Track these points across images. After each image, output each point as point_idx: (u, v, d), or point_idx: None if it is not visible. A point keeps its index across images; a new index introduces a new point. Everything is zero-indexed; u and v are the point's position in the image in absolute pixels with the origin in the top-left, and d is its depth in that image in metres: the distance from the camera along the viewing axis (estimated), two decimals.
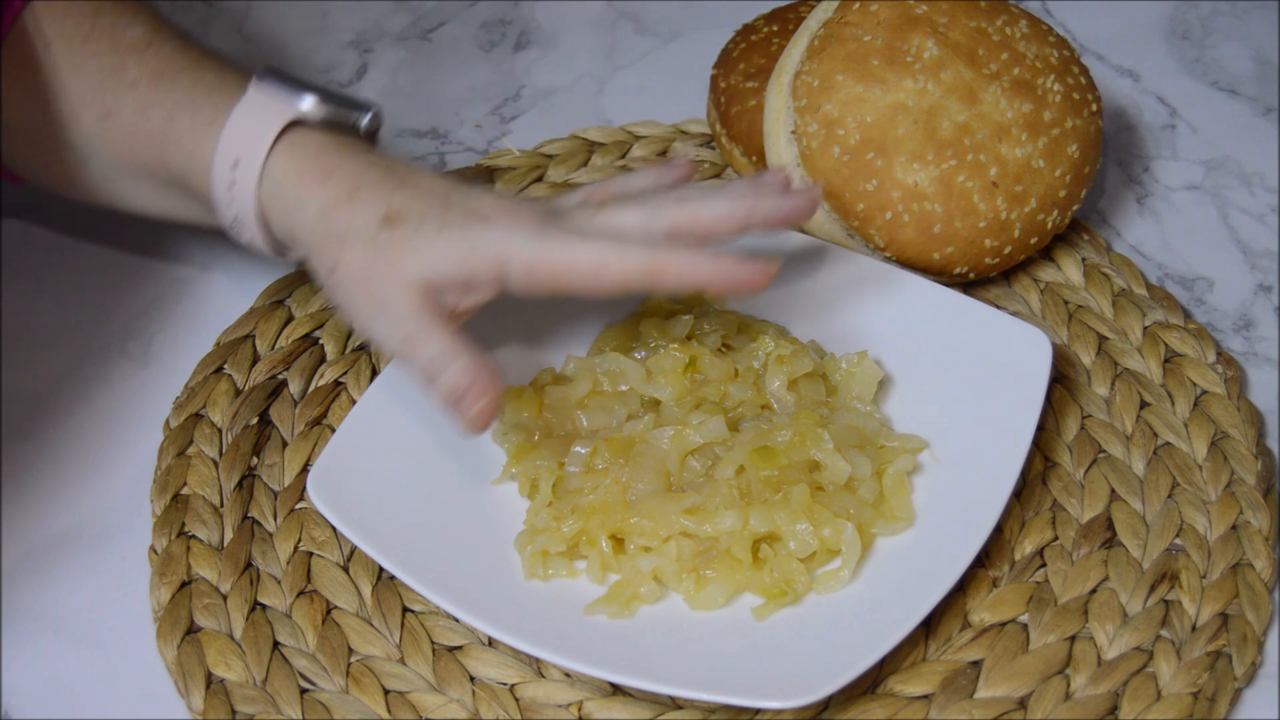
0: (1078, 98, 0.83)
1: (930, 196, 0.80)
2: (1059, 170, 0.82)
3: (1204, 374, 0.80)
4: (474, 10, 1.06)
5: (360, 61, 1.03)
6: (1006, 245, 0.82)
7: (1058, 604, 0.72)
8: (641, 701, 0.69)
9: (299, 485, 0.77)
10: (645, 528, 0.71)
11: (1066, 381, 0.81)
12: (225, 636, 0.72)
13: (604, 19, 1.05)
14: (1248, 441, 0.78)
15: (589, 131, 0.95)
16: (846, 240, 0.81)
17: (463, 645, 0.72)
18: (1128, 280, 0.85)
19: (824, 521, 0.71)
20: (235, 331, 0.84)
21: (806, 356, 0.76)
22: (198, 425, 0.79)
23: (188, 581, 0.74)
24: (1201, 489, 0.76)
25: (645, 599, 0.70)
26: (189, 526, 0.75)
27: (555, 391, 0.76)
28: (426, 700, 0.70)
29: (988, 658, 0.70)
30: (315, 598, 0.73)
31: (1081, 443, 0.78)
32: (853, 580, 0.71)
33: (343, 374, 0.82)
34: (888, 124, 0.80)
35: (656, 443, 0.73)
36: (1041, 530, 0.74)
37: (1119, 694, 0.69)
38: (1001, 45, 0.82)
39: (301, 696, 0.70)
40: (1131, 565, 0.73)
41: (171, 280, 0.88)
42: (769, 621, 0.70)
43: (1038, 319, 0.84)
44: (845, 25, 0.81)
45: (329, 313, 0.84)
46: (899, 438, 0.75)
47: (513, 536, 0.73)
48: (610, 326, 0.80)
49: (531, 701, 0.70)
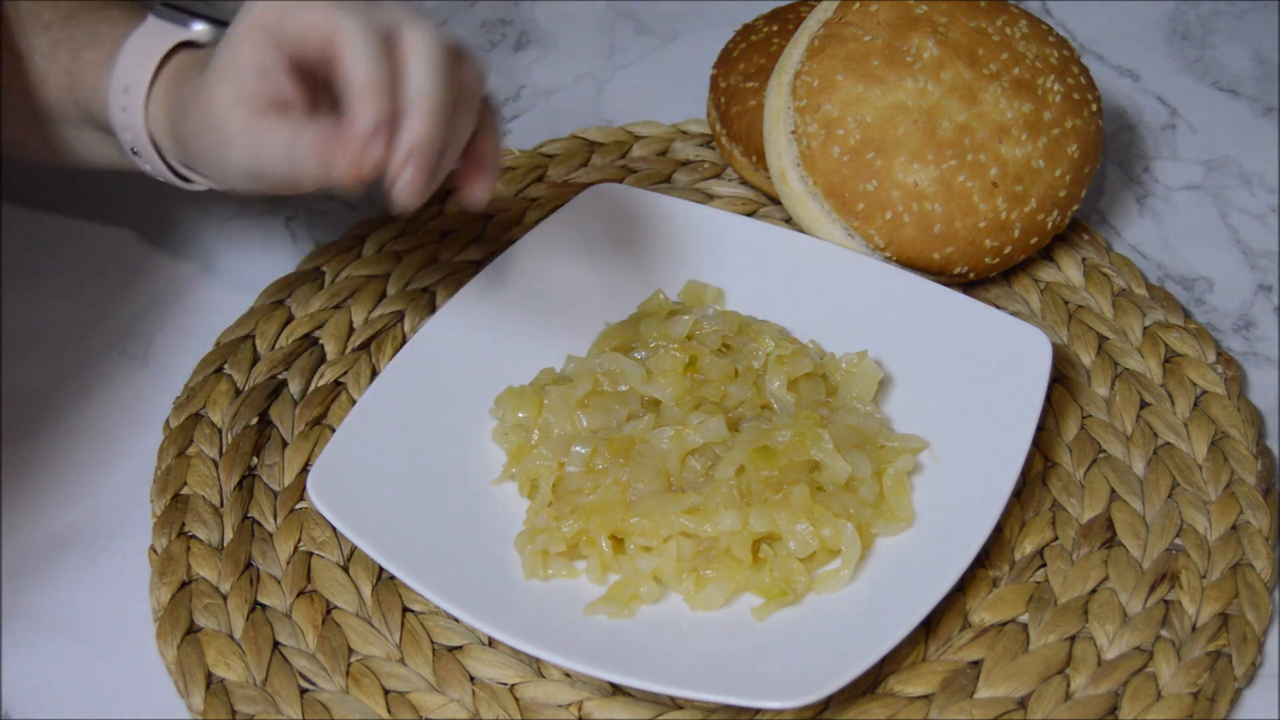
0: (1078, 98, 0.83)
1: (930, 196, 0.80)
2: (1059, 170, 0.82)
3: (1204, 374, 0.80)
4: (474, 10, 1.06)
5: None
6: (1006, 245, 0.82)
7: (1058, 604, 0.72)
8: (641, 701, 0.69)
9: (299, 485, 0.77)
10: (645, 528, 0.71)
11: (1066, 381, 0.81)
12: (225, 636, 0.72)
13: (604, 19, 1.05)
14: (1248, 441, 0.78)
15: (589, 131, 0.95)
16: (846, 240, 0.81)
17: (463, 645, 0.72)
18: (1128, 280, 0.85)
19: (824, 521, 0.71)
20: (235, 331, 0.84)
21: (806, 356, 0.76)
22: (198, 425, 0.79)
23: (188, 581, 0.74)
24: (1201, 489, 0.76)
25: (645, 599, 0.70)
26: (189, 526, 0.75)
27: (555, 391, 0.76)
28: (426, 700, 0.70)
29: (988, 658, 0.70)
30: (315, 598, 0.73)
31: (1081, 443, 0.78)
32: (853, 580, 0.71)
33: (343, 374, 0.82)
34: (888, 124, 0.80)
35: (656, 443, 0.73)
36: (1041, 530, 0.74)
37: (1119, 694, 0.69)
38: (1001, 45, 0.82)
39: (301, 696, 0.70)
40: (1131, 565, 0.73)
41: (171, 280, 0.88)
42: (769, 621, 0.70)
43: (1038, 319, 0.84)
44: (845, 25, 0.81)
45: (329, 313, 0.84)
46: (899, 438, 0.75)
47: (513, 536, 0.73)
48: (610, 326, 0.80)
49: (531, 701, 0.70)
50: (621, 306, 0.81)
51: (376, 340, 0.83)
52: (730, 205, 0.90)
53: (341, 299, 0.85)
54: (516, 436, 0.75)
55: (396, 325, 0.84)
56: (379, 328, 0.84)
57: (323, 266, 0.87)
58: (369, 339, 0.83)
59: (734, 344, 0.78)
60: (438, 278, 0.86)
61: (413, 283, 0.86)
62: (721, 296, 0.82)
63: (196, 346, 0.83)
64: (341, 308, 0.84)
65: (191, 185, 0.76)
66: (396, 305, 0.85)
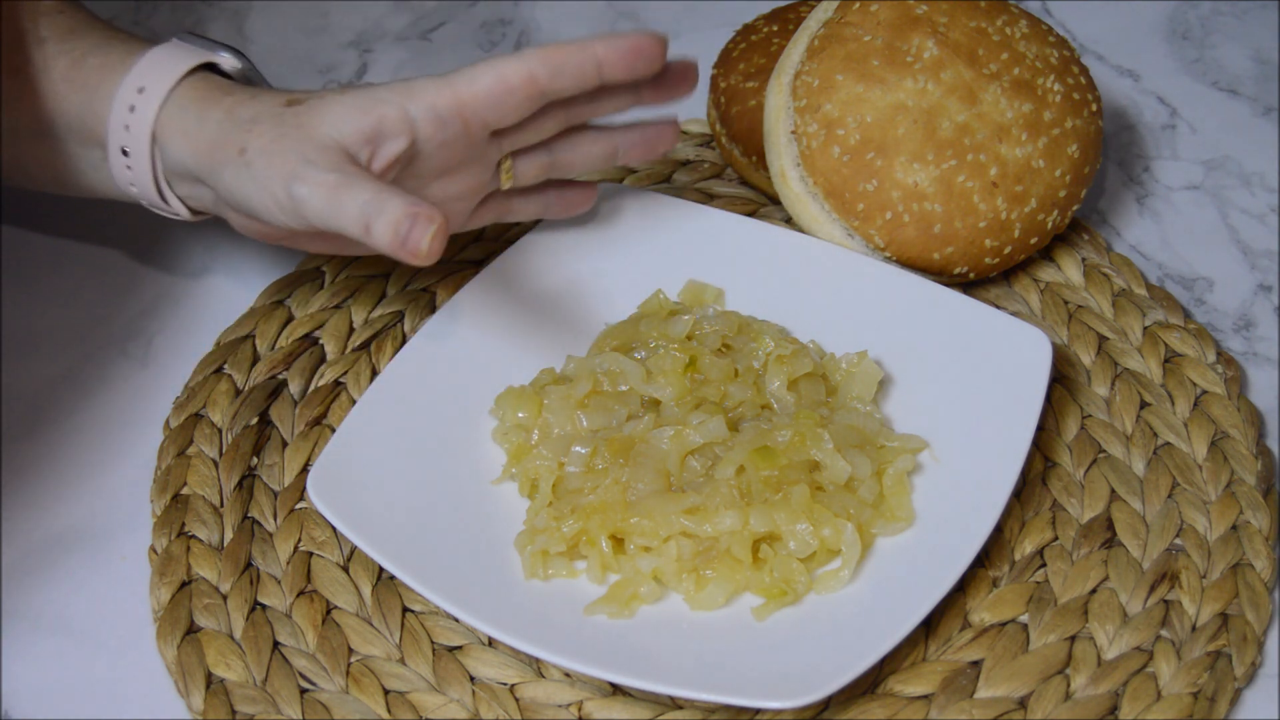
0: (1078, 98, 0.83)
1: (930, 196, 0.80)
2: (1059, 170, 0.82)
3: (1204, 374, 0.80)
4: (474, 10, 1.06)
5: (360, 61, 1.03)
6: (1006, 245, 0.82)
7: (1058, 604, 0.72)
8: (641, 701, 0.69)
9: (299, 485, 0.77)
10: (645, 528, 0.71)
11: (1066, 381, 0.81)
12: (225, 636, 0.72)
13: (604, 19, 1.05)
14: (1248, 441, 0.78)
15: None
16: (846, 240, 0.81)
17: (463, 645, 0.72)
18: (1128, 280, 0.85)
19: (824, 521, 0.71)
20: (235, 331, 0.84)
21: (806, 356, 0.76)
22: (198, 425, 0.79)
23: (188, 581, 0.74)
24: (1201, 489, 0.76)
25: (645, 599, 0.70)
26: (189, 526, 0.75)
27: (555, 391, 0.76)
28: (426, 700, 0.70)
29: (988, 658, 0.70)
30: (315, 598, 0.73)
31: (1081, 443, 0.78)
32: (853, 580, 0.71)
33: (343, 374, 0.82)
34: (888, 124, 0.80)
35: (656, 443, 0.73)
36: (1041, 530, 0.74)
37: (1119, 694, 0.69)
38: (1001, 45, 0.82)
39: (301, 696, 0.70)
40: (1131, 565, 0.73)
41: (171, 280, 0.88)
42: (769, 621, 0.70)
43: (1038, 319, 0.84)
44: (845, 25, 0.81)
45: (329, 313, 0.84)
46: (899, 438, 0.75)
47: (513, 536, 0.73)
48: (610, 327, 0.80)
49: (531, 701, 0.70)
50: (621, 306, 0.81)
51: (376, 340, 0.83)
52: (730, 205, 0.90)
53: (341, 299, 0.85)
54: (516, 436, 0.75)
55: (396, 325, 0.84)
56: (379, 328, 0.84)
57: (323, 266, 0.87)
58: (369, 339, 0.83)
59: (734, 344, 0.78)
60: (438, 278, 0.86)
61: (413, 283, 0.86)
62: (721, 296, 0.82)
63: (196, 346, 0.83)
64: (341, 308, 0.84)
65: (167, 209, 0.75)
66: (396, 305, 0.85)
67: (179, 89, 0.72)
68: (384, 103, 0.69)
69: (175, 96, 0.72)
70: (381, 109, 0.69)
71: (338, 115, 0.69)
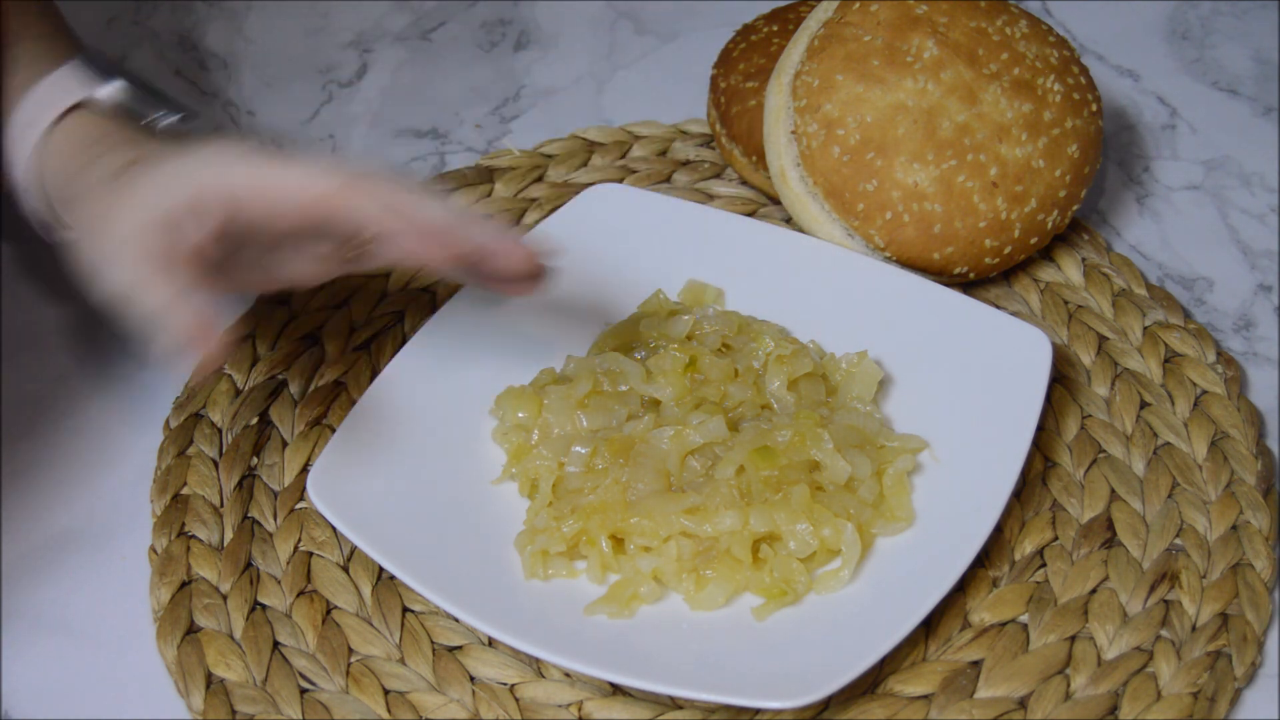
0: (1078, 98, 0.83)
1: (930, 196, 0.80)
2: (1059, 170, 0.82)
3: (1204, 374, 0.80)
4: (474, 10, 1.06)
5: (360, 61, 1.03)
6: (1006, 245, 0.82)
7: (1058, 604, 0.72)
8: (641, 701, 0.69)
9: (299, 485, 0.77)
10: (645, 528, 0.71)
11: (1066, 381, 0.81)
12: (225, 636, 0.72)
13: (604, 19, 1.05)
14: (1248, 441, 0.78)
15: (589, 131, 0.95)
16: (846, 240, 0.81)
17: (463, 645, 0.72)
18: (1128, 280, 0.85)
19: (824, 521, 0.71)
20: (235, 331, 0.84)
21: (806, 356, 0.76)
22: (198, 425, 0.79)
23: (188, 581, 0.74)
24: (1201, 489, 0.76)
25: (645, 599, 0.70)
26: (189, 526, 0.75)
27: (555, 391, 0.76)
28: (426, 700, 0.70)
29: (988, 658, 0.70)
30: (315, 598, 0.73)
31: (1081, 443, 0.78)
32: (853, 580, 0.71)
33: (343, 374, 0.82)
34: (888, 124, 0.80)
35: (656, 443, 0.73)
36: (1041, 530, 0.74)
37: (1119, 694, 0.69)
38: (1001, 45, 0.82)
39: (301, 696, 0.70)
40: (1131, 565, 0.73)
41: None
42: (769, 621, 0.70)
43: (1038, 319, 0.84)
44: (845, 25, 0.81)
45: (329, 313, 0.84)
46: (899, 438, 0.75)
47: (513, 536, 0.73)
48: (610, 327, 0.80)
49: (531, 701, 0.70)
50: (621, 306, 0.81)
51: (376, 340, 0.83)
52: (730, 205, 0.90)
53: (341, 299, 0.85)
54: (516, 436, 0.75)
55: (396, 325, 0.84)
56: (379, 328, 0.84)
57: None
58: (369, 339, 0.83)
59: (734, 344, 0.78)
60: (437, 278, 0.86)
61: (413, 283, 0.86)
62: (721, 296, 0.82)
63: None
64: (341, 308, 0.84)
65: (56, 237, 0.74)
66: (396, 305, 0.85)
67: (56, 132, 0.72)
68: (204, 173, 0.66)
69: (52, 140, 0.71)
70: (202, 182, 0.66)
71: (160, 186, 0.66)
